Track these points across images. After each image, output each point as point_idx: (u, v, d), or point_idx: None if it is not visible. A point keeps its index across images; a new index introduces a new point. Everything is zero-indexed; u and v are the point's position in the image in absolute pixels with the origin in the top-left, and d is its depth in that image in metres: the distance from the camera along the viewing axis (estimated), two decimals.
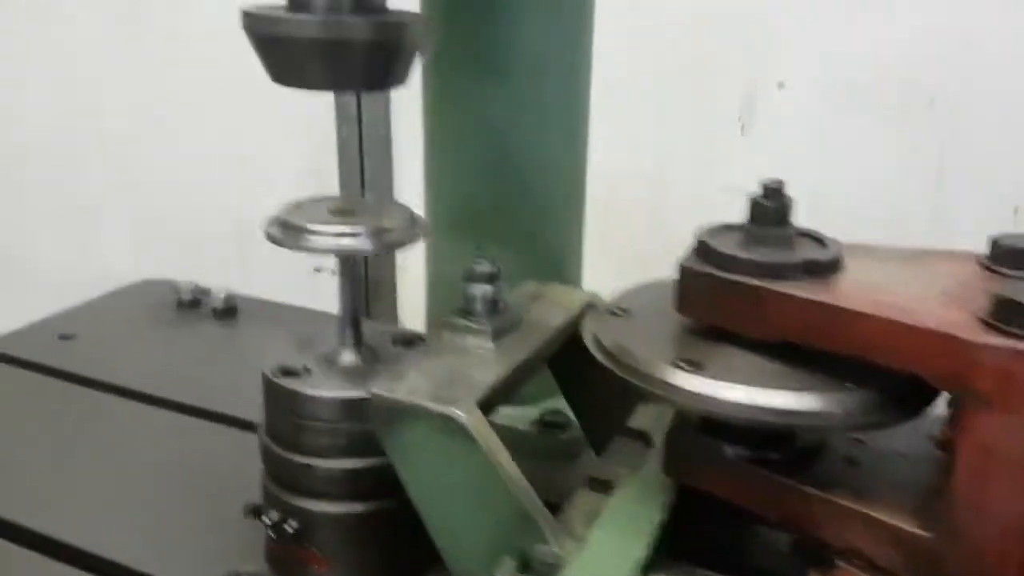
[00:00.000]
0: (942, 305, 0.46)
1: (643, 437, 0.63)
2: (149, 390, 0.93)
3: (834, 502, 0.49)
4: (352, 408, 0.61)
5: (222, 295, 1.13)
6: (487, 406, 0.55)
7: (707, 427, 0.54)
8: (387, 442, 0.55)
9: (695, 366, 0.49)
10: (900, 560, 0.47)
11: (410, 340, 0.70)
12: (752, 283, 0.49)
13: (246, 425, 0.83)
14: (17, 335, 1.06)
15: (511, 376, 0.58)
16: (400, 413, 0.54)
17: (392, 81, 0.60)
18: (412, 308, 1.64)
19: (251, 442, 0.67)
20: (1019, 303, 0.42)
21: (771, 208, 0.50)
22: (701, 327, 0.53)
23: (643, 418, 0.65)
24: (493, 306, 0.62)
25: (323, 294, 1.13)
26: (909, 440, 0.55)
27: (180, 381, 0.95)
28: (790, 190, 0.53)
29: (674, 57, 1.30)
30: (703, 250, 0.52)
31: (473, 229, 0.79)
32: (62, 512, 0.74)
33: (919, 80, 1.23)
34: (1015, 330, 0.42)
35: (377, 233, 0.62)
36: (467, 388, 0.54)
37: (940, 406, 0.49)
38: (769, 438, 0.53)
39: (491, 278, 0.61)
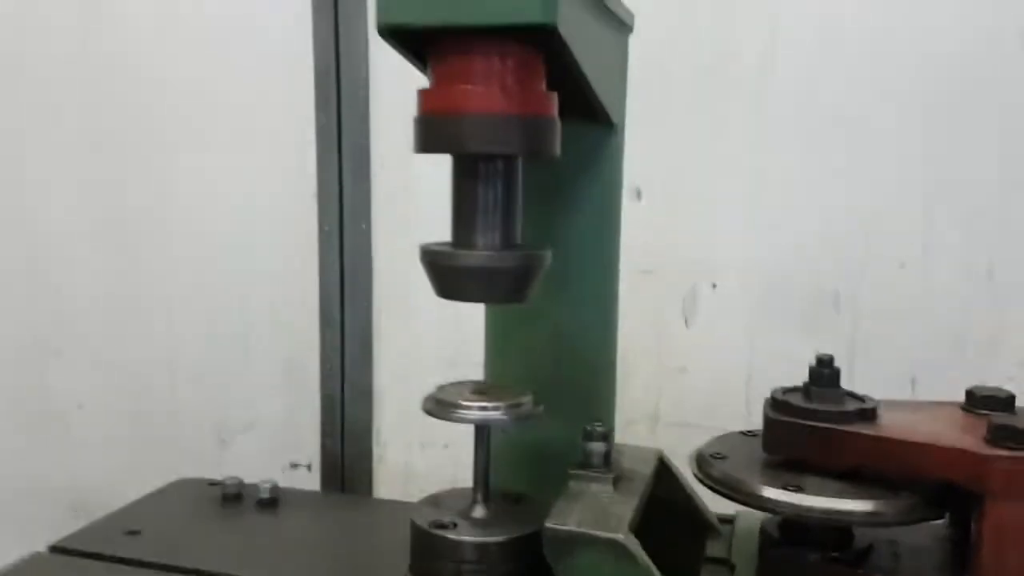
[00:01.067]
0: (956, 433, 0.69)
1: (726, 563, 0.81)
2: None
3: None
4: (504, 549, 0.77)
5: (267, 486, 1.25)
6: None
7: (789, 540, 0.73)
8: (560, 569, 0.71)
9: (798, 488, 0.69)
10: None
11: (517, 498, 0.86)
12: (825, 427, 0.71)
13: None
14: (80, 533, 1.13)
15: (638, 510, 0.76)
16: (573, 542, 0.70)
17: (528, 294, 0.81)
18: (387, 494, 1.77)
19: None
20: (1010, 426, 0.66)
21: (827, 373, 0.73)
22: (783, 461, 0.73)
23: (716, 549, 0.84)
24: (606, 459, 0.80)
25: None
26: (927, 539, 0.76)
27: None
28: (726, 373, 0.75)
29: (634, 267, 1.58)
30: (781, 405, 0.73)
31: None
32: None
33: (824, 283, 1.54)
34: (1011, 445, 0.65)
35: (512, 407, 0.81)
36: (618, 519, 0.72)
37: None
38: (836, 541, 0.73)
39: (605, 437, 0.81)
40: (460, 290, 0.78)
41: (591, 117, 0.96)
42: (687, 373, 1.63)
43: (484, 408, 0.80)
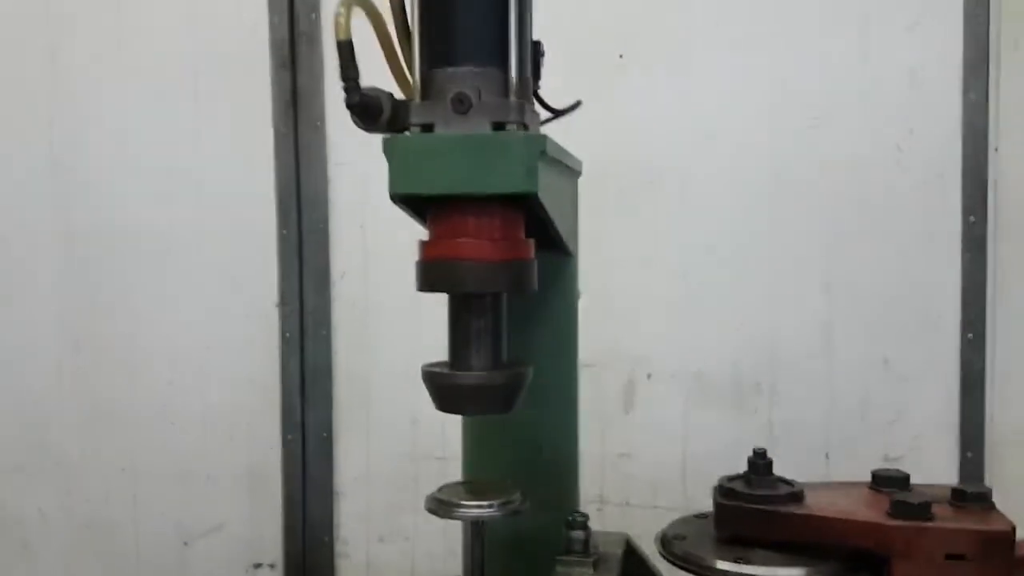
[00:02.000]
0: (865, 509, 0.87)
1: None
2: None
3: None
4: None
5: None
6: None
7: None
8: None
9: (746, 561, 0.85)
10: None
11: None
12: (765, 508, 0.88)
13: None
14: None
15: None
16: None
17: (515, 404, 0.96)
18: None
19: None
20: (906, 502, 0.84)
21: (763, 463, 0.90)
22: (731, 538, 0.90)
23: None
24: (586, 545, 0.95)
25: None
26: None
27: None
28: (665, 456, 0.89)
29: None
30: (727, 492, 0.90)
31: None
32: None
33: (745, 372, 1.74)
34: (907, 517, 0.83)
35: (504, 504, 0.95)
36: None
37: None
38: None
39: (584, 525, 0.95)
40: (458, 405, 0.93)
41: (554, 248, 1.13)
42: (629, 458, 1.79)
43: (480, 506, 0.95)
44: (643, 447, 1.78)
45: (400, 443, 1.83)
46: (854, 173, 1.66)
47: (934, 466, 1.65)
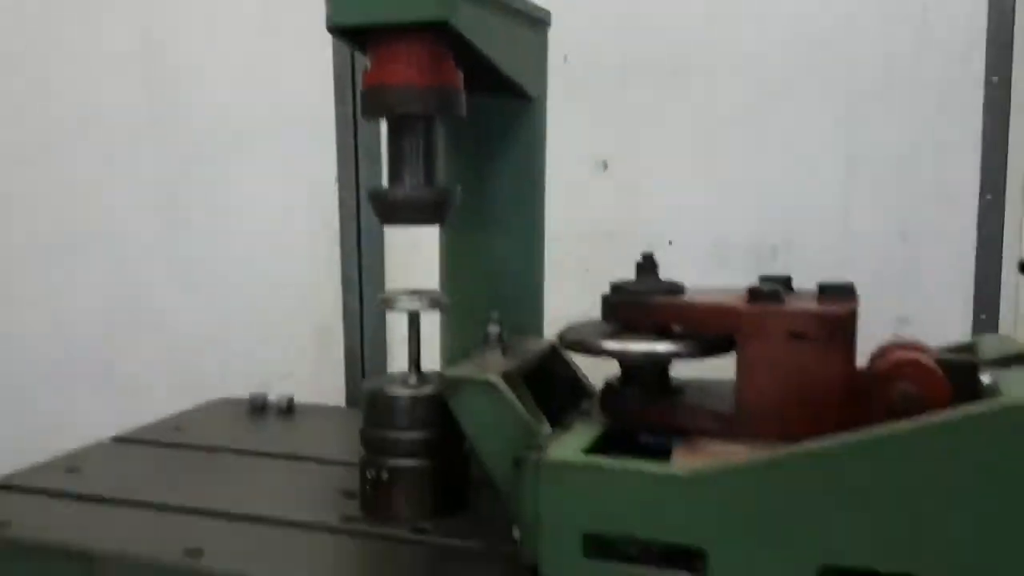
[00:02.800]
0: (733, 300, 0.96)
1: (588, 412, 1.08)
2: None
3: (687, 404, 0.97)
4: (423, 402, 1.07)
5: (285, 400, 1.57)
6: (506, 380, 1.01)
7: (627, 384, 1.01)
8: (452, 405, 1.00)
9: (618, 338, 0.97)
10: (720, 427, 0.94)
11: None
12: (646, 299, 0.98)
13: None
14: (138, 430, 1.47)
15: (515, 369, 1.05)
16: (459, 383, 0.99)
17: (445, 219, 1.10)
18: None
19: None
20: (759, 290, 0.93)
21: (649, 264, 1.01)
22: (620, 329, 1.01)
23: (586, 404, 1.11)
24: (500, 337, 1.09)
25: None
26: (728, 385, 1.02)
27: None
28: None
29: (598, 229, 1.86)
30: (615, 288, 1.01)
31: (473, 310, 1.26)
32: None
33: (763, 240, 1.80)
34: (758, 303, 0.92)
35: (433, 303, 1.11)
36: (494, 368, 1.01)
37: None
38: (656, 383, 1.00)
39: (500, 323, 1.10)
40: (394, 216, 1.09)
41: (511, 92, 1.25)
42: None
43: (413, 301, 1.11)
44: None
45: None
46: (877, 33, 1.66)
47: (948, 329, 1.66)
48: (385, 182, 1.11)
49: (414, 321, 1.13)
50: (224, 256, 2.16)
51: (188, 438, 1.43)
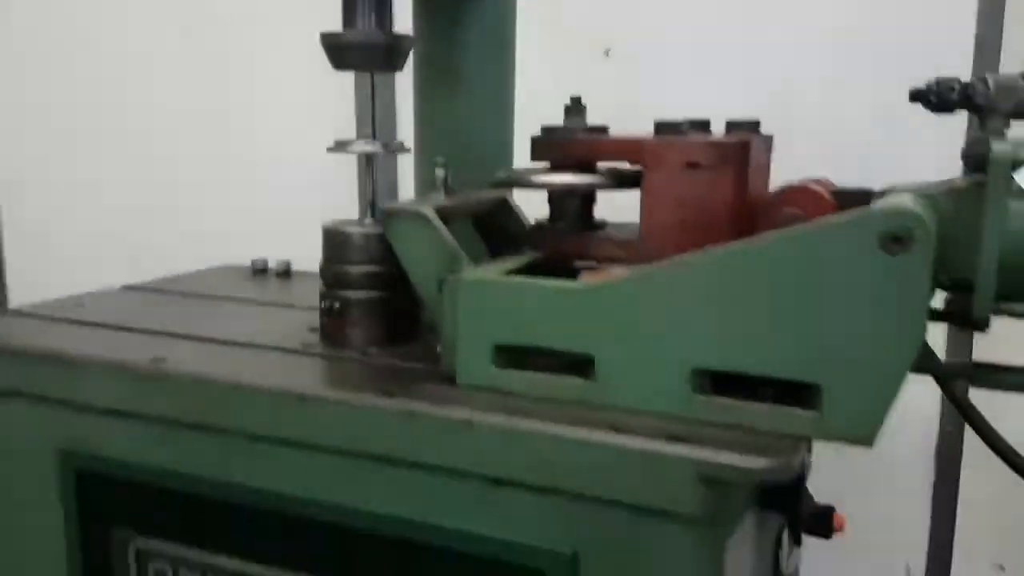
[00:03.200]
0: (642, 136, 1.01)
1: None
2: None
3: (601, 236, 1.03)
4: (374, 239, 1.15)
5: (284, 265, 1.68)
6: (441, 216, 1.08)
7: (552, 220, 1.08)
8: (390, 236, 1.08)
9: (542, 174, 1.03)
10: (627, 254, 1.00)
11: None
12: (569, 138, 1.04)
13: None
14: (146, 283, 1.60)
15: (451, 208, 1.12)
16: (397, 214, 1.07)
17: (398, 66, 1.17)
18: None
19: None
20: (666, 123, 0.97)
21: (577, 107, 1.06)
22: (551, 168, 1.07)
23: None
24: (445, 182, 1.16)
25: None
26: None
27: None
28: None
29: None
30: (544, 130, 1.07)
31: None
32: None
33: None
34: (664, 135, 0.97)
35: (386, 146, 1.18)
36: (429, 204, 1.08)
37: None
38: (571, 216, 1.07)
39: (445, 167, 1.17)
40: (346, 60, 1.16)
41: None
42: None
43: (366, 144, 1.18)
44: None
45: None
46: None
47: None
48: None
49: (369, 163, 1.21)
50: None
51: (188, 288, 1.55)
